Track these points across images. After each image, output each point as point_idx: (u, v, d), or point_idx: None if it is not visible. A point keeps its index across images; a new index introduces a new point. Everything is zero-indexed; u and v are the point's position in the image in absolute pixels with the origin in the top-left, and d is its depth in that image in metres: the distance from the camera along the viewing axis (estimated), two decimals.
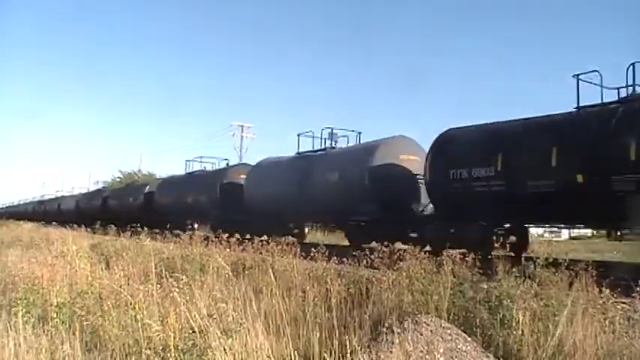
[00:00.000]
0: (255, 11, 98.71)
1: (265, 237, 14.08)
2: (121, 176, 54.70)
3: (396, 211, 13.68)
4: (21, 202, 75.79)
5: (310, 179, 16.34)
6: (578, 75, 10.28)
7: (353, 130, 17.50)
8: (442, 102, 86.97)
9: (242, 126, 40.73)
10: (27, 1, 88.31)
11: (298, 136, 18.32)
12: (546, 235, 26.97)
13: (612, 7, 70.38)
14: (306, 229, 19.89)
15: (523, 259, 6.73)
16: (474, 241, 10.29)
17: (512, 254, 10.49)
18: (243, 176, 20.80)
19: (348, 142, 17.47)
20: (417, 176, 13.79)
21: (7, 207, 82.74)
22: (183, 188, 24.61)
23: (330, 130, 17.36)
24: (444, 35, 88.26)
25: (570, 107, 10.54)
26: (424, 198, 13.69)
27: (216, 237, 10.73)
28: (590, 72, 10.27)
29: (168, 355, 3.46)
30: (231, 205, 20.19)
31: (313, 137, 17.82)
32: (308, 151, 17.96)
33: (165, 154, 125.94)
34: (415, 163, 14.09)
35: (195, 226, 24.85)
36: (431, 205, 13.50)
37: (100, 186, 46.79)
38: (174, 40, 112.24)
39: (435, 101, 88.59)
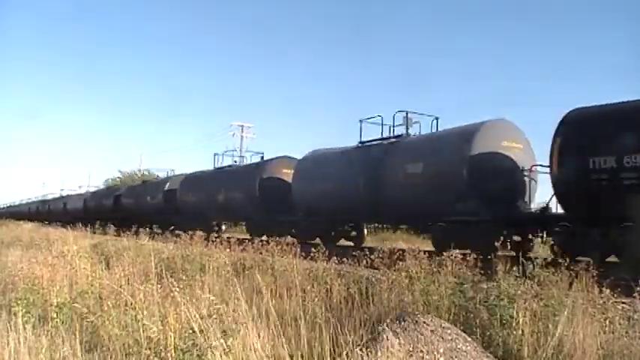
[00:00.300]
0: (255, 11, 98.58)
1: (319, 240, 12.97)
2: (121, 176, 54.71)
3: (501, 210, 11.57)
4: (22, 202, 75.60)
5: (381, 172, 13.98)
6: None
7: (430, 115, 14.78)
8: (442, 102, 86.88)
9: (242, 126, 40.88)
10: (27, 1, 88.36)
11: (360, 122, 15.65)
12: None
13: (612, 7, 70.33)
14: (365, 231, 17.34)
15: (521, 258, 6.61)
16: (629, 249, 8.40)
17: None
18: (285, 171, 18.58)
19: (420, 129, 14.89)
20: (536, 166, 12.08)
21: (7, 207, 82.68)
22: (213, 185, 21.84)
23: (404, 113, 14.74)
24: (444, 35, 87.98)
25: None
26: (529, 194, 12.18)
27: (214, 238, 10.73)
28: None
29: (168, 355, 3.46)
30: (273, 204, 17.92)
31: (382, 124, 15.26)
32: (375, 139, 15.39)
33: (166, 154, 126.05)
34: (518, 152, 12.29)
35: (223, 227, 22.73)
36: (534, 204, 12.13)
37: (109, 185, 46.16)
38: (174, 40, 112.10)
39: (435, 101, 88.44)
